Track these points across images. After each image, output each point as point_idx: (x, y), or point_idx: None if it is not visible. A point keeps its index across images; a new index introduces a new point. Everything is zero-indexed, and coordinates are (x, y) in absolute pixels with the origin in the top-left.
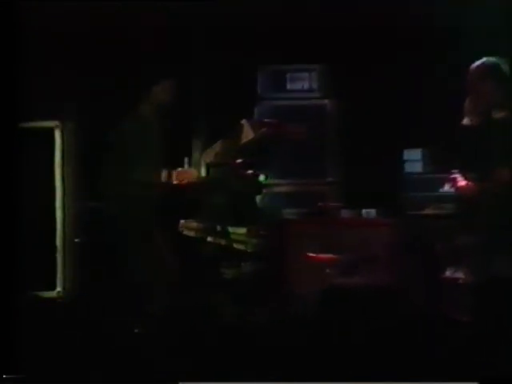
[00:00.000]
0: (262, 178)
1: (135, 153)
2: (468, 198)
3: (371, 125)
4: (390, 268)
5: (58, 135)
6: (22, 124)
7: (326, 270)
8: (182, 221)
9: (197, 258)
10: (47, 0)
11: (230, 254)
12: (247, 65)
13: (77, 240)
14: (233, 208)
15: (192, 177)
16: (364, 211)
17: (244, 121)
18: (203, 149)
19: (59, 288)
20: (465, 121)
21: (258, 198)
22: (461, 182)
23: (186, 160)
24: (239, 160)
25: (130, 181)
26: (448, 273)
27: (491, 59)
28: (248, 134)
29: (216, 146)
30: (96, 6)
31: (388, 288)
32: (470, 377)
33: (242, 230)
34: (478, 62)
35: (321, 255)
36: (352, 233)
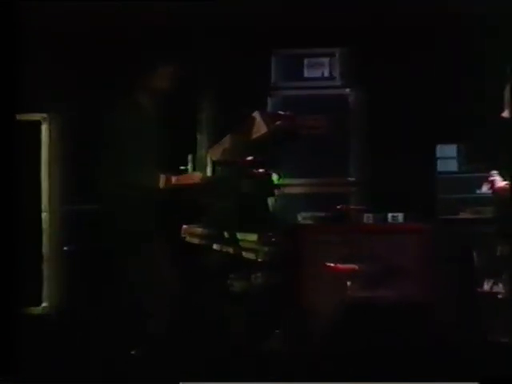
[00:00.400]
0: (275, 178)
1: (132, 149)
2: (508, 201)
3: (399, 117)
4: (420, 281)
5: (45, 129)
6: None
7: (347, 283)
8: (185, 226)
9: (201, 269)
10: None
11: (239, 264)
12: (259, 49)
13: (65, 248)
14: (242, 212)
15: (195, 182)
16: (390, 215)
17: (255, 113)
18: (209, 145)
19: (45, 303)
20: (505, 113)
21: (271, 201)
22: (500, 183)
23: (190, 158)
24: (250, 157)
25: (127, 181)
26: (486, 286)
27: None
28: (260, 128)
29: (223, 142)
30: None
31: (418, 303)
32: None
33: (253, 237)
34: None
35: (341, 265)
36: (376, 240)
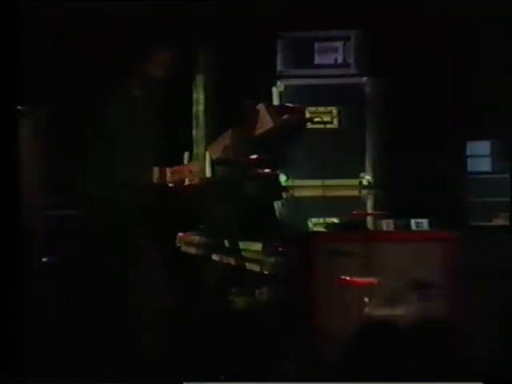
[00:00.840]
0: (283, 179)
1: (120, 145)
2: None
3: (423, 109)
4: (449, 296)
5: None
6: None
7: (365, 299)
8: (181, 234)
9: (198, 283)
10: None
11: (241, 278)
12: (264, 32)
13: (44, 259)
14: (245, 217)
15: (193, 174)
16: (413, 222)
17: (260, 105)
18: (208, 141)
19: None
20: None
21: (277, 205)
22: None
23: (186, 155)
24: (253, 156)
25: (114, 182)
26: None
27: None
28: (265, 123)
29: (224, 138)
30: None
31: (445, 323)
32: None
33: (257, 246)
34: None
35: (358, 279)
36: (398, 250)
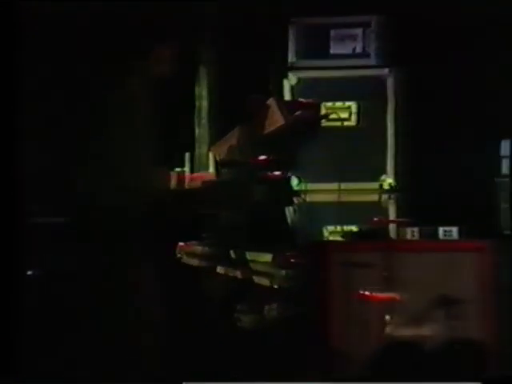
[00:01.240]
0: (295, 183)
1: (119, 146)
2: None
3: (452, 105)
4: (480, 314)
5: None
6: None
7: (386, 317)
8: (181, 243)
9: (201, 298)
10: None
11: (249, 292)
12: (273, 18)
13: (29, 273)
14: (253, 225)
15: (205, 181)
16: (441, 230)
17: (270, 100)
18: (211, 140)
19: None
20: None
21: (289, 211)
22: None
23: (187, 157)
24: (262, 157)
25: (109, 185)
26: None
27: None
28: (275, 120)
29: (230, 137)
30: None
31: (477, 344)
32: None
33: (266, 257)
34: None
35: (378, 294)
36: (423, 262)
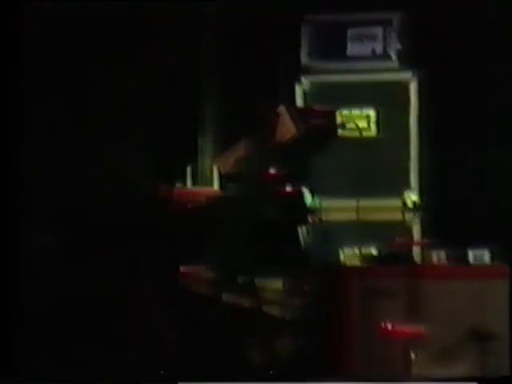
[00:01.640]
0: (308, 199)
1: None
2: None
3: (481, 112)
4: None
5: None
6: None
7: (412, 354)
8: (183, 267)
9: (205, 329)
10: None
11: (258, 324)
12: (285, 16)
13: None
14: (262, 247)
15: (209, 198)
16: (471, 253)
17: (280, 107)
18: (216, 151)
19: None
20: None
21: (302, 231)
22: None
23: (189, 169)
24: (272, 169)
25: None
26: None
27: None
28: (286, 129)
29: (236, 148)
30: None
31: None
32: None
33: (277, 284)
34: None
35: (401, 327)
36: (451, 289)
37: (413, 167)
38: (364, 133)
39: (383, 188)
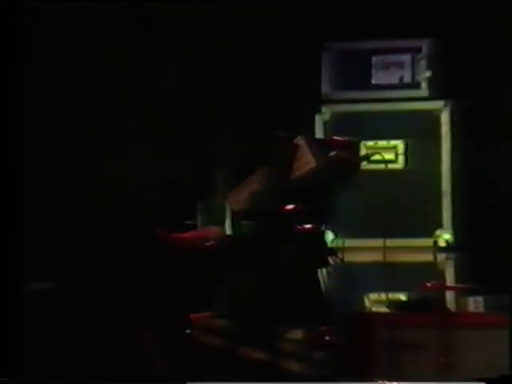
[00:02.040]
0: (329, 238)
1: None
2: None
3: None
4: None
5: None
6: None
7: None
8: (192, 315)
9: None
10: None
11: (275, 378)
12: (305, 41)
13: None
14: (278, 292)
15: (214, 238)
16: None
17: (299, 139)
18: (228, 186)
19: None
20: None
21: (322, 274)
22: None
23: (199, 207)
24: (290, 206)
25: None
26: None
27: None
28: (305, 162)
29: (250, 182)
30: None
31: None
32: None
33: (296, 334)
34: None
35: None
36: (490, 341)
37: (445, 203)
38: (391, 165)
39: (412, 226)
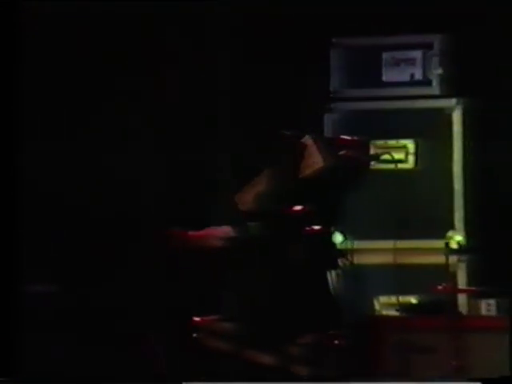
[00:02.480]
0: (338, 240)
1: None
2: None
3: None
4: None
5: None
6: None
7: None
8: (197, 318)
9: None
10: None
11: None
12: (312, 38)
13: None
14: (286, 295)
15: (225, 239)
16: None
17: (306, 138)
18: (236, 187)
19: None
20: None
21: (331, 276)
22: None
23: (207, 206)
24: (298, 206)
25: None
26: None
27: None
28: (313, 161)
29: (257, 183)
30: None
31: None
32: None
33: (304, 338)
34: None
35: None
36: (503, 345)
37: (457, 204)
38: (401, 165)
39: (423, 227)
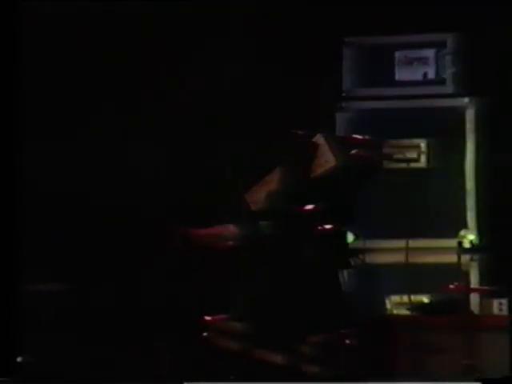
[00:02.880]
0: (350, 239)
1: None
2: None
3: None
4: None
5: None
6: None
7: None
8: (208, 317)
9: None
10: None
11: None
12: (325, 37)
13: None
14: (298, 294)
15: (232, 238)
16: None
17: (318, 137)
18: (246, 186)
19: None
20: None
21: (343, 276)
22: None
23: (217, 205)
24: (309, 205)
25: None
26: None
27: None
28: (325, 160)
29: (268, 181)
30: None
31: None
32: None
33: (316, 338)
34: None
35: None
36: None
37: (469, 203)
38: (413, 164)
39: (435, 226)
